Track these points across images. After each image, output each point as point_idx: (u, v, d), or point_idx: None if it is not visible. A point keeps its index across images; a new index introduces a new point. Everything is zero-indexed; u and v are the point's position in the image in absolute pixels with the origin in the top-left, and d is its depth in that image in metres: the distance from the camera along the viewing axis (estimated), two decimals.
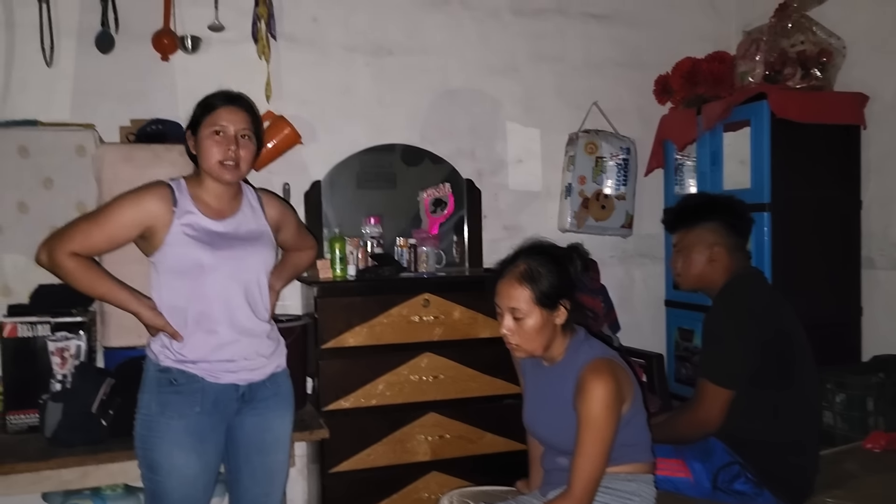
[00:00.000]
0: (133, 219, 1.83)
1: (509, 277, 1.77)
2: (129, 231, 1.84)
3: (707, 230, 2.19)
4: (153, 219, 1.83)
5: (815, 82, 2.87)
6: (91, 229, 1.82)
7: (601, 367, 1.71)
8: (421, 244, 2.90)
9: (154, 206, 1.84)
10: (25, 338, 2.30)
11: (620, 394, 1.69)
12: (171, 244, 1.83)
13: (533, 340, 1.76)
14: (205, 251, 1.84)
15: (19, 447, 2.18)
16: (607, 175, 3.25)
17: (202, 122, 1.91)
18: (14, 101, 2.66)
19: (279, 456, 2.02)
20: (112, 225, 1.83)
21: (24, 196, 2.48)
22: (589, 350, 1.78)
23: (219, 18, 2.85)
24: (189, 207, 1.87)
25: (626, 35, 3.45)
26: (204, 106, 1.93)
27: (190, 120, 1.95)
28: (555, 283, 1.75)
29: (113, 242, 1.85)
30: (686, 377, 3.19)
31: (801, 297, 2.61)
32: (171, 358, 1.86)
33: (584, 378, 1.70)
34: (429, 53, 3.18)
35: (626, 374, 1.76)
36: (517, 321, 1.76)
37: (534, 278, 1.74)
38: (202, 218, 1.88)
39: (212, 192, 1.92)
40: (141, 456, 1.87)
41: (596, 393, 1.66)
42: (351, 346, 2.56)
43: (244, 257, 1.91)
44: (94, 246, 1.84)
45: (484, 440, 2.69)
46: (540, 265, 1.76)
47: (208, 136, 1.88)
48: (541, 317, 1.74)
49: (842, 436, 2.54)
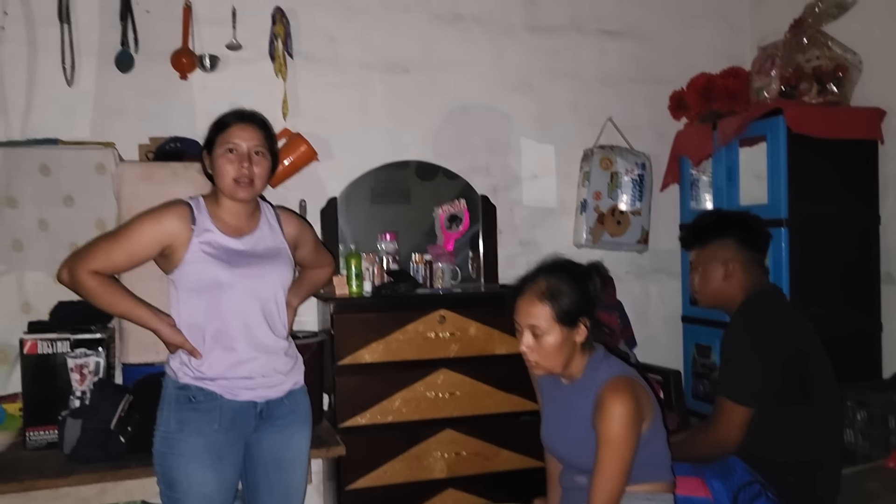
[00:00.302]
0: (153, 237, 1.85)
1: (529, 294, 1.77)
2: (149, 249, 1.86)
3: (722, 246, 2.19)
4: (172, 237, 1.85)
5: (831, 97, 2.86)
6: (112, 248, 1.85)
7: (621, 385, 1.70)
8: (436, 260, 2.90)
9: (173, 224, 1.86)
10: (45, 354, 2.32)
11: (640, 412, 1.68)
12: (189, 262, 1.85)
13: (552, 358, 1.76)
14: (223, 269, 1.85)
15: (38, 463, 2.19)
16: (623, 190, 3.25)
17: (216, 141, 1.93)
18: (36, 119, 2.70)
19: (297, 473, 2.02)
20: (132, 243, 1.85)
21: (45, 214, 2.51)
22: (608, 368, 1.77)
23: (236, 37, 2.88)
24: (207, 226, 1.89)
25: (641, 51, 3.45)
26: (217, 125, 1.96)
27: (205, 140, 1.98)
28: (575, 301, 1.74)
29: (133, 261, 1.87)
30: (704, 394, 3.16)
31: (820, 314, 2.60)
32: (189, 375, 1.87)
33: (603, 396, 1.69)
34: (444, 70, 3.20)
35: (645, 393, 1.75)
36: (537, 339, 1.75)
37: (554, 296, 1.74)
38: (220, 236, 1.90)
39: (229, 211, 1.94)
40: (160, 473, 1.88)
41: (615, 411, 1.65)
42: (367, 363, 2.56)
43: (262, 275, 1.92)
44: (114, 264, 1.86)
45: (500, 457, 2.68)
46: (560, 282, 1.75)
47: (222, 154, 1.90)
48: (560, 334, 1.74)
49: (863, 454, 2.51)
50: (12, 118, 2.68)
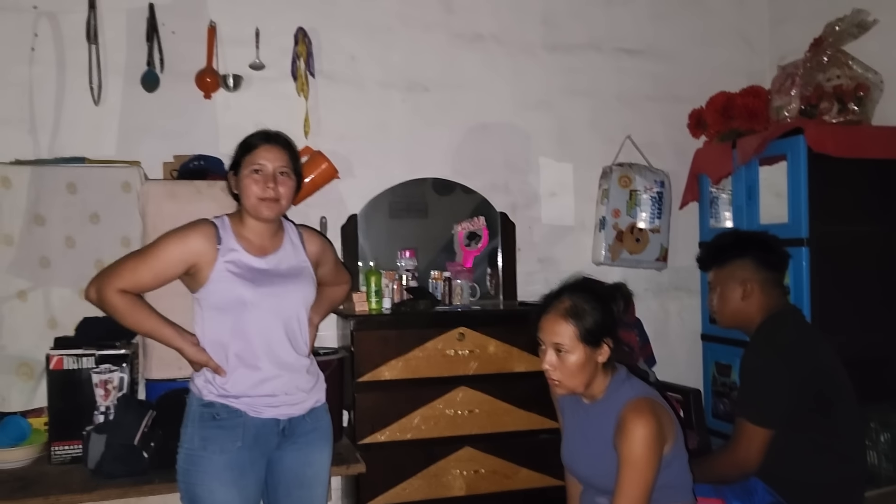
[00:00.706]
0: (179, 256, 1.87)
1: (554, 313, 1.78)
2: (175, 268, 1.88)
3: (739, 266, 2.19)
4: (198, 256, 1.88)
5: (852, 117, 2.85)
6: (138, 267, 1.87)
7: (643, 406, 1.70)
8: (455, 277, 2.92)
9: (199, 244, 1.88)
10: (71, 370, 2.35)
11: (662, 434, 1.68)
12: (215, 281, 1.88)
13: (575, 377, 1.76)
14: (247, 288, 1.88)
15: (63, 478, 2.22)
16: (641, 208, 3.25)
17: (242, 161, 1.96)
18: (63, 138, 2.75)
19: (318, 490, 2.04)
20: (158, 263, 1.87)
21: (72, 231, 2.56)
22: (630, 389, 1.77)
23: (259, 57, 2.93)
24: (232, 245, 1.92)
25: (659, 69, 3.47)
26: (244, 146, 1.99)
27: (232, 161, 2.01)
28: (599, 321, 1.76)
29: (159, 279, 1.90)
30: (724, 413, 3.14)
31: (842, 334, 2.58)
32: (214, 392, 1.89)
33: (625, 417, 1.69)
34: (463, 89, 3.22)
35: (667, 415, 1.75)
36: (560, 357, 1.76)
37: (579, 315, 1.75)
38: (245, 255, 1.92)
39: (254, 230, 1.97)
40: (183, 490, 1.90)
41: (637, 433, 1.65)
42: (387, 380, 2.58)
43: (285, 294, 1.95)
44: (141, 283, 1.88)
45: (519, 475, 2.68)
46: (585, 302, 1.77)
47: (248, 174, 1.93)
48: (584, 354, 1.75)
49: (886, 476, 2.48)
50: (41, 137, 2.74)
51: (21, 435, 2.40)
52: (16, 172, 2.51)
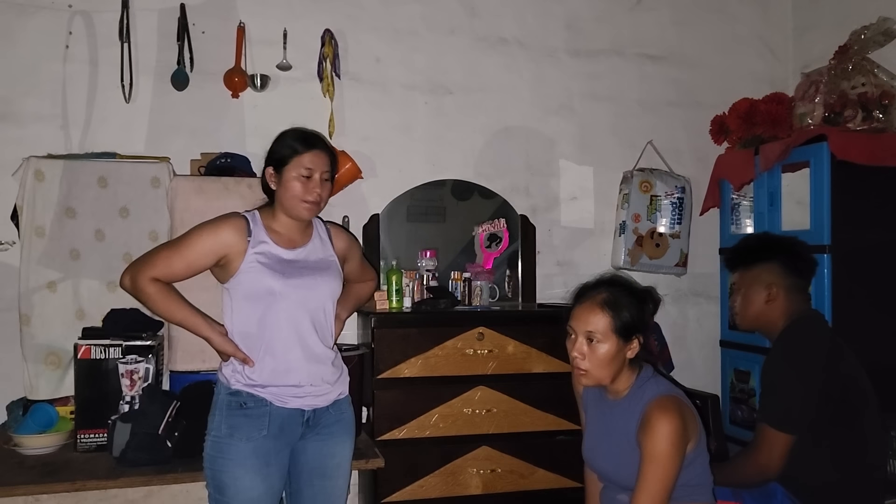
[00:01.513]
0: (210, 248, 1.92)
1: (591, 302, 1.80)
2: (207, 259, 1.93)
3: (765, 270, 2.19)
4: (229, 248, 1.93)
5: (876, 124, 2.85)
6: (171, 257, 1.92)
7: (668, 403, 1.71)
8: (475, 278, 2.94)
9: (230, 236, 1.93)
10: (98, 360, 2.40)
11: (686, 432, 1.70)
12: (244, 272, 1.92)
13: (603, 368, 1.78)
14: (276, 279, 1.92)
15: (88, 465, 2.26)
16: (662, 213, 3.26)
17: (289, 162, 1.99)
18: (95, 134, 2.81)
19: (340, 481, 2.07)
20: (191, 253, 1.92)
21: (102, 224, 2.61)
22: (656, 387, 1.79)
23: (287, 58, 2.98)
24: (262, 237, 1.96)
25: (682, 75, 3.48)
26: (292, 148, 2.00)
27: (273, 157, 2.03)
28: (634, 317, 1.78)
29: (191, 269, 1.94)
30: (742, 419, 3.13)
31: (863, 341, 2.56)
32: (241, 382, 1.93)
33: (650, 413, 1.71)
34: (486, 92, 3.25)
35: (691, 414, 1.76)
36: (590, 347, 1.78)
37: (615, 307, 1.77)
38: (274, 247, 1.97)
39: (285, 224, 2.02)
40: (209, 476, 1.94)
41: (662, 429, 1.66)
42: (406, 377, 2.60)
43: (313, 286, 1.99)
44: (173, 272, 1.93)
45: (536, 476, 2.69)
46: (623, 296, 1.79)
47: (296, 177, 1.97)
48: (615, 346, 1.77)
49: None
50: (73, 132, 2.80)
51: (49, 422, 2.45)
52: (48, 166, 2.56)
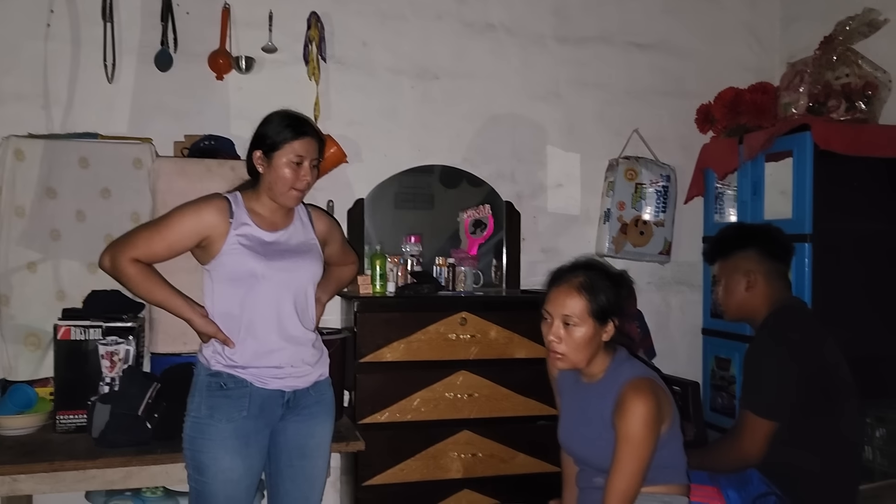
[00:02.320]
0: (192, 229, 1.91)
1: (567, 286, 1.81)
2: (188, 240, 1.92)
3: (743, 258, 2.21)
4: (211, 229, 1.92)
5: (859, 115, 2.86)
6: (152, 238, 1.91)
7: (642, 385, 1.73)
8: (459, 264, 2.94)
9: (212, 217, 1.92)
10: (78, 341, 2.39)
11: (660, 414, 1.71)
12: (226, 253, 1.92)
13: (579, 351, 1.79)
14: (258, 261, 1.92)
15: (67, 446, 2.25)
16: (646, 201, 3.27)
17: (279, 148, 1.96)
18: (77, 114, 2.78)
19: (319, 461, 2.08)
20: (172, 234, 1.91)
21: (83, 205, 2.59)
22: (630, 369, 1.80)
23: (272, 40, 2.95)
24: (245, 219, 1.96)
25: (669, 64, 3.48)
26: (283, 133, 1.97)
27: (263, 141, 1.99)
28: (610, 300, 1.79)
29: (172, 251, 1.93)
30: (722, 406, 3.16)
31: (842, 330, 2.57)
32: (221, 363, 1.94)
33: (624, 395, 1.72)
34: (473, 78, 3.24)
35: (666, 396, 1.77)
36: (567, 330, 1.79)
37: (592, 290, 1.78)
38: (256, 229, 1.96)
39: (268, 207, 2.01)
40: (189, 457, 1.94)
41: (637, 410, 1.68)
42: (388, 361, 2.61)
43: (294, 268, 1.99)
44: (154, 253, 1.92)
45: (516, 460, 2.70)
46: (599, 279, 1.80)
47: (286, 163, 1.95)
48: (591, 329, 1.78)
49: (881, 471, 2.50)
50: (54, 112, 2.77)
51: (27, 403, 2.44)
52: (29, 146, 2.54)
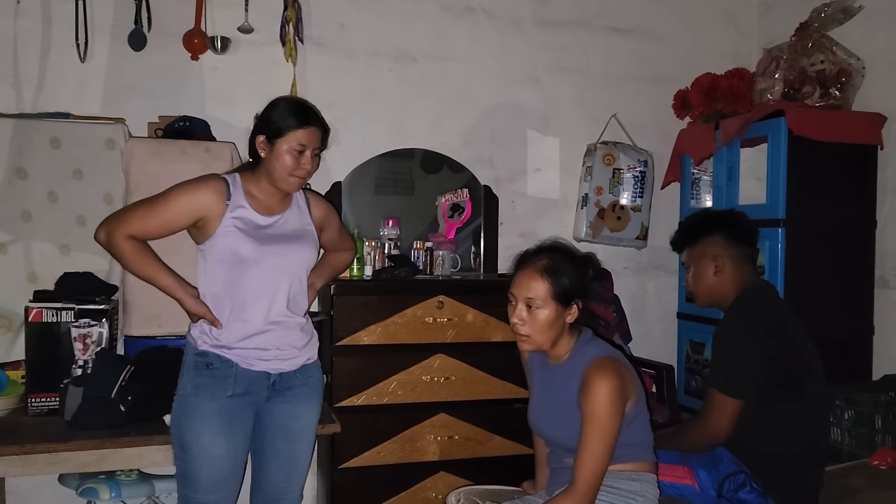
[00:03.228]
0: (188, 209, 1.91)
1: (530, 269, 1.82)
2: (184, 219, 1.92)
3: (709, 243, 2.24)
4: (206, 210, 1.91)
5: (833, 101, 2.89)
6: (148, 215, 1.91)
7: (606, 364, 1.75)
8: (437, 248, 2.94)
9: (209, 197, 1.92)
10: (49, 323, 2.35)
11: (625, 391, 1.73)
12: (221, 235, 1.92)
13: (543, 333, 1.81)
14: (251, 244, 1.92)
15: (39, 429, 2.22)
16: (624, 187, 3.28)
17: (283, 135, 1.95)
18: (48, 93, 2.73)
19: (303, 444, 2.09)
20: (168, 212, 1.91)
21: (54, 186, 2.55)
22: (594, 349, 1.82)
23: (248, 20, 2.92)
24: (241, 202, 1.95)
25: (648, 49, 3.49)
26: (288, 121, 1.96)
27: (268, 126, 1.97)
28: (573, 283, 1.80)
29: (168, 228, 1.94)
30: (696, 389, 3.20)
31: (814, 314, 2.63)
32: (208, 343, 1.94)
33: (588, 375, 1.74)
34: (452, 61, 3.23)
35: (630, 374, 1.80)
36: (530, 312, 1.80)
37: (555, 273, 1.80)
38: (252, 213, 1.96)
39: (266, 191, 2.01)
40: (174, 435, 1.96)
41: (600, 389, 1.70)
42: (365, 345, 2.61)
43: (287, 254, 1.99)
44: (149, 230, 1.92)
45: (492, 442, 2.72)
46: (561, 262, 1.81)
47: (289, 150, 1.95)
48: (554, 311, 1.79)
49: (849, 452, 2.55)
50: (25, 91, 2.72)
51: None
52: None
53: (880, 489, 2.19)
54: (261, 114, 2.03)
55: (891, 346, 2.92)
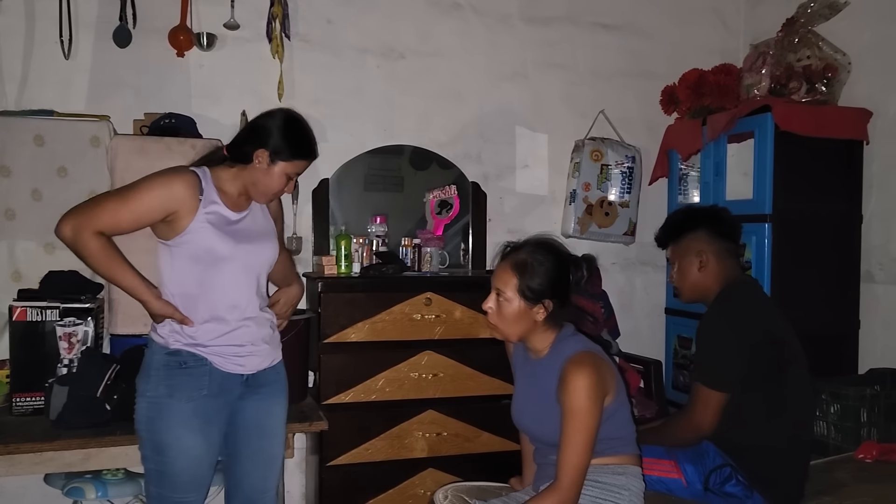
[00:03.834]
0: (162, 202, 1.83)
1: (506, 262, 1.84)
2: (156, 213, 1.84)
3: (693, 239, 2.25)
4: (180, 204, 1.85)
5: (819, 97, 2.91)
6: (119, 209, 1.82)
7: (584, 359, 1.75)
8: (425, 244, 2.93)
9: (182, 191, 1.85)
10: (34, 322, 2.34)
11: (603, 386, 1.74)
12: (194, 231, 1.86)
13: (508, 325, 1.83)
14: (226, 242, 1.89)
15: (24, 428, 2.21)
16: (612, 182, 3.28)
17: (290, 160, 1.93)
18: (32, 90, 2.71)
19: (277, 440, 2.08)
20: (140, 206, 1.83)
21: (39, 184, 2.53)
22: (573, 344, 1.83)
23: (234, 17, 2.90)
24: (213, 197, 1.91)
25: (635, 45, 3.49)
26: (301, 148, 1.96)
27: (276, 146, 1.92)
28: (543, 283, 1.80)
29: (139, 223, 1.86)
30: (683, 384, 3.21)
31: (800, 309, 2.65)
32: (181, 341, 1.89)
33: (566, 370, 1.74)
34: (439, 57, 3.22)
35: (608, 368, 1.80)
36: (499, 303, 1.83)
37: (525, 271, 1.80)
38: (224, 209, 1.93)
39: (237, 189, 1.97)
40: (147, 439, 1.89)
41: (579, 384, 1.70)
42: (353, 342, 2.60)
43: (258, 251, 1.98)
44: (120, 226, 1.84)
45: (480, 439, 2.72)
46: (540, 262, 1.80)
47: (283, 174, 1.94)
48: (519, 307, 1.81)
49: (835, 446, 2.56)
50: (8, 88, 2.70)
51: None
52: None
53: (865, 482, 2.20)
54: (267, 123, 1.95)
55: (876, 340, 2.94)
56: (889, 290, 2.90)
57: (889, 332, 2.90)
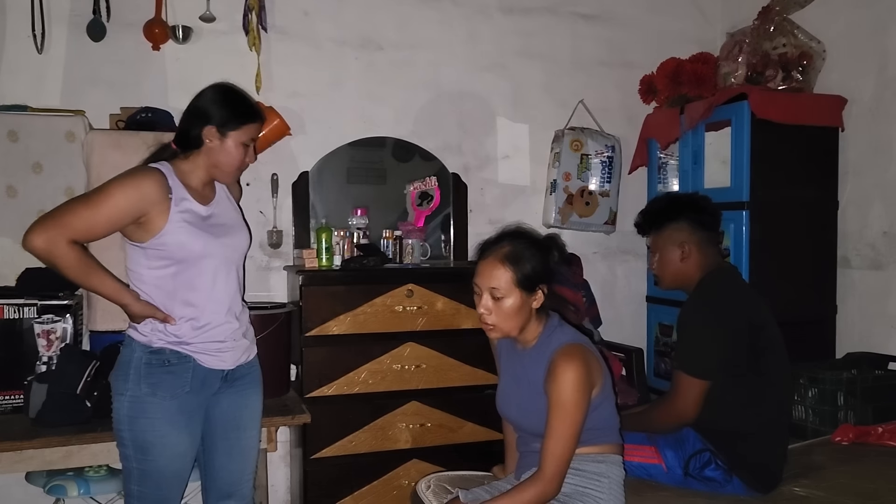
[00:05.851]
0: (132, 204, 1.79)
1: (492, 258, 1.81)
2: (129, 216, 1.80)
3: (675, 229, 2.25)
4: (151, 205, 1.81)
5: (795, 84, 2.93)
6: (92, 216, 1.77)
7: (572, 351, 1.75)
8: (406, 236, 2.94)
9: (152, 191, 1.81)
10: (11, 319, 2.32)
11: (591, 378, 1.74)
12: (171, 233, 1.83)
13: (509, 321, 1.80)
14: (205, 239, 1.88)
15: (3, 427, 2.20)
16: (592, 172, 3.30)
17: (238, 128, 1.90)
18: (4, 86, 2.68)
19: (253, 432, 2.08)
20: (113, 210, 1.78)
21: (13, 180, 2.51)
22: (561, 335, 1.82)
23: (210, 9, 2.87)
24: (182, 194, 1.88)
25: (614, 35, 3.50)
26: (243, 114, 1.92)
27: (221, 118, 1.90)
28: (536, 268, 1.79)
29: (113, 228, 1.81)
30: (665, 372, 3.24)
31: (778, 295, 2.68)
32: (164, 340, 1.87)
33: (555, 362, 1.74)
34: (418, 49, 3.21)
35: (596, 360, 1.80)
36: (495, 301, 1.80)
37: (516, 261, 1.78)
38: (195, 204, 1.90)
39: (200, 179, 1.95)
40: (128, 438, 1.86)
41: (567, 376, 1.70)
42: (335, 335, 2.60)
43: (234, 244, 1.98)
44: (94, 233, 1.79)
45: (464, 429, 2.74)
46: (524, 249, 1.80)
47: (239, 145, 1.91)
48: (519, 299, 1.79)
49: (813, 429, 2.60)
50: None
51: None
52: None
53: (842, 464, 2.24)
54: (202, 102, 1.92)
55: (853, 324, 2.98)
56: (865, 276, 2.95)
57: (865, 317, 2.95)
